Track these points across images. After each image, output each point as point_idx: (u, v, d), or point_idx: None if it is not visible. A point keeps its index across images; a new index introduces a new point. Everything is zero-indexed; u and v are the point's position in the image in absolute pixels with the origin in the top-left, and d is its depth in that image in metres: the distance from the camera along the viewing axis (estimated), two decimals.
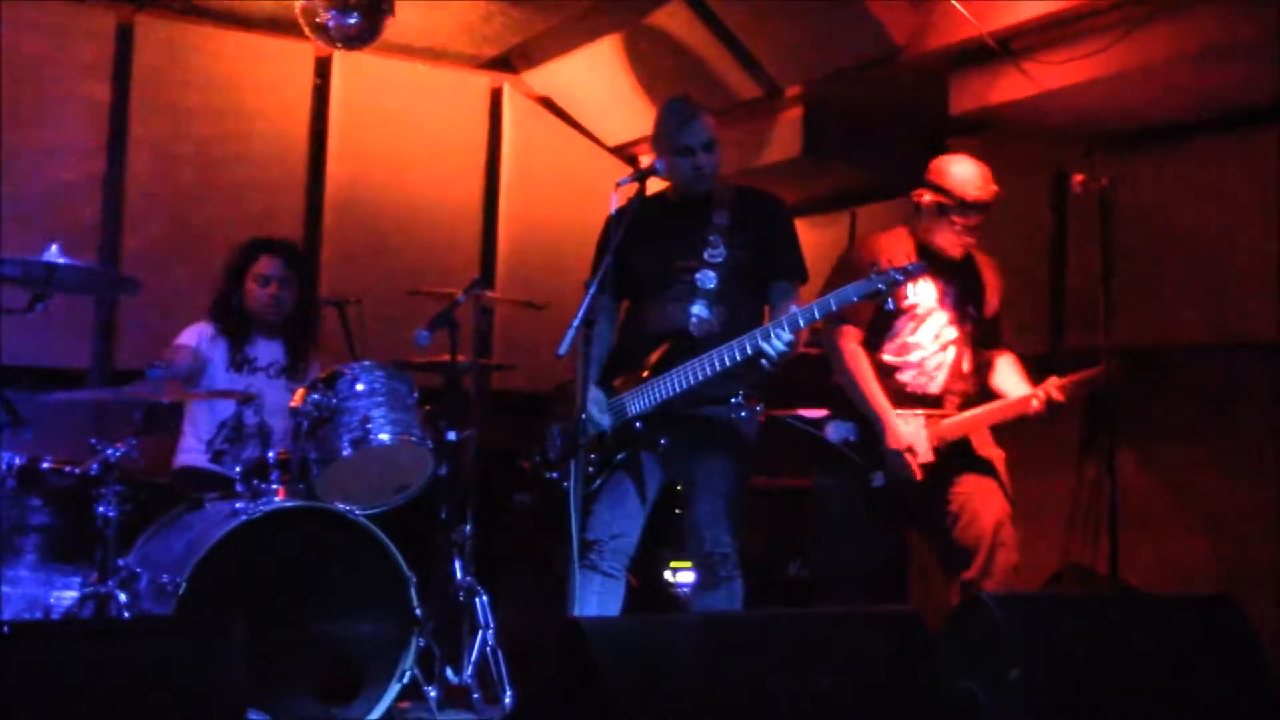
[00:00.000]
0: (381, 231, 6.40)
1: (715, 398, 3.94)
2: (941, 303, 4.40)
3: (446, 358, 4.62)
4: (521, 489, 5.81)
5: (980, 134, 5.29)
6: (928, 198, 4.33)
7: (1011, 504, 4.33)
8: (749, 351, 3.72)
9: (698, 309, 4.03)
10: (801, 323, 3.69)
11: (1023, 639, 2.93)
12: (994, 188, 4.31)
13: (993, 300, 4.49)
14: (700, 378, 3.84)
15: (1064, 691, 2.89)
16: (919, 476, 4.21)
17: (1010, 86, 4.90)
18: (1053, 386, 4.32)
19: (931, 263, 4.20)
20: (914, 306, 4.36)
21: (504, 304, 5.52)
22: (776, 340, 3.67)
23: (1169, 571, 4.92)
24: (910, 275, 3.71)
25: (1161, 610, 3.24)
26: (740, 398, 3.96)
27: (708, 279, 4.03)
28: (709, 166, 4.03)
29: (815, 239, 6.07)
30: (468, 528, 4.53)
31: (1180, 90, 4.62)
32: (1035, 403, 4.32)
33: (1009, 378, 4.50)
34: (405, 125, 6.48)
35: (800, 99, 5.83)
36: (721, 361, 3.79)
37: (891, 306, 3.81)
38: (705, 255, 4.03)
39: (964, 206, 4.27)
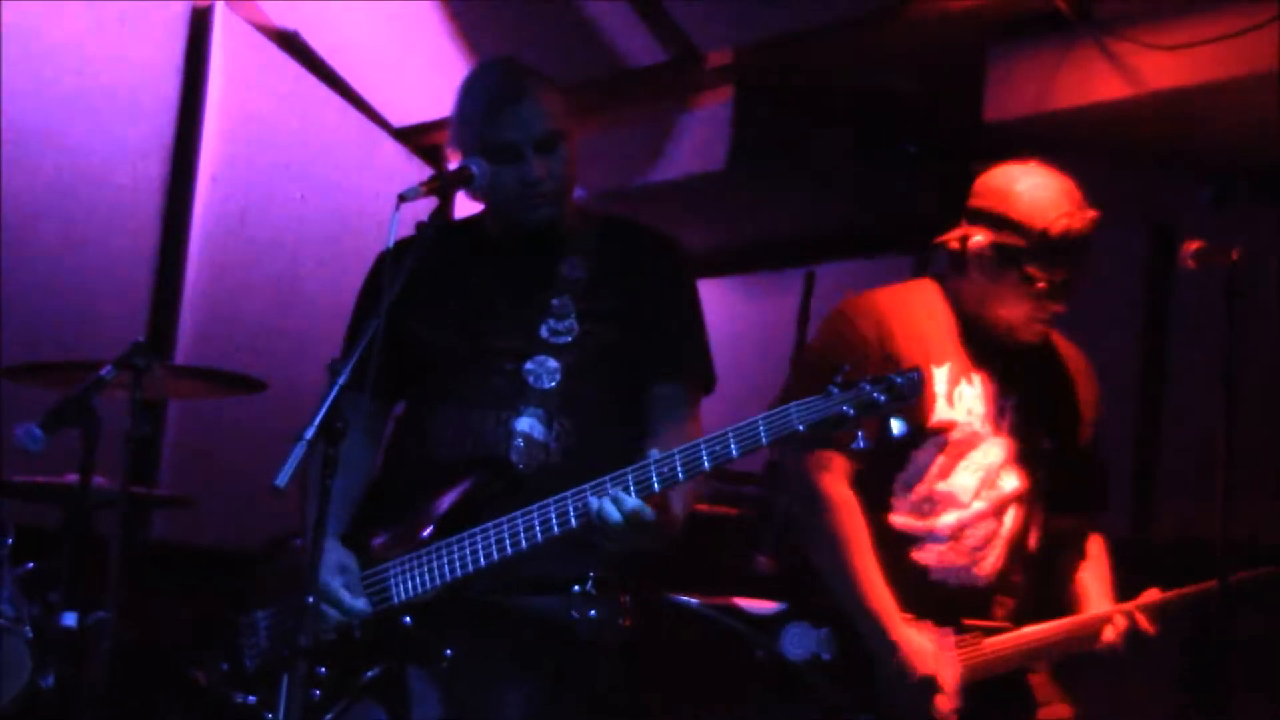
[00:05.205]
0: None
1: (546, 581, 3.99)
2: (997, 423, 4.38)
3: (73, 479, 4.63)
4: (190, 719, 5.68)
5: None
6: (979, 238, 4.33)
7: None
8: (572, 522, 3.75)
9: (526, 424, 4.08)
10: (680, 472, 3.69)
11: None
12: (1090, 212, 4.30)
13: (1086, 422, 4.53)
14: (520, 546, 3.86)
15: None
16: None
17: (1088, 82, 5.13)
18: (1143, 607, 4.37)
19: (982, 351, 4.29)
20: (948, 426, 4.34)
21: (186, 384, 5.50)
22: (610, 508, 3.68)
23: None
24: (906, 395, 3.63)
25: None
26: (590, 584, 4.00)
27: (545, 372, 4.10)
28: (549, 182, 4.08)
29: (744, 314, 6.31)
30: None
31: None
32: (1110, 632, 4.35)
33: (1092, 580, 4.54)
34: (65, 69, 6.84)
35: (730, 74, 6.01)
36: (551, 524, 3.82)
37: (901, 432, 3.68)
38: (543, 332, 4.10)
39: (1045, 249, 4.25)
